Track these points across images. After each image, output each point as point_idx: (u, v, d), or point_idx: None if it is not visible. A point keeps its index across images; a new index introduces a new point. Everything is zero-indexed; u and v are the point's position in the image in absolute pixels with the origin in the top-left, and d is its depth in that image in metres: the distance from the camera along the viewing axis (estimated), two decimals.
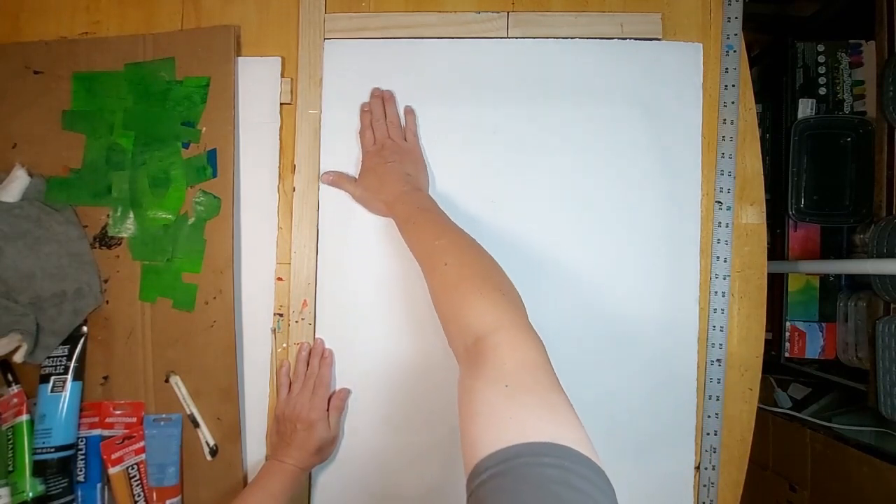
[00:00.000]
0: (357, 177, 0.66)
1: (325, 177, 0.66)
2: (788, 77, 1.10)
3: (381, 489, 0.66)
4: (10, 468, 0.61)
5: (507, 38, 0.68)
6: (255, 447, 0.67)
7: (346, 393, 0.66)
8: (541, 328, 0.66)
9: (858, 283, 1.04)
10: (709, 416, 0.65)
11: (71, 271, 0.65)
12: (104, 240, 0.67)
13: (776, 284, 1.08)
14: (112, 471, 0.64)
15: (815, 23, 1.20)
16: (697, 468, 0.66)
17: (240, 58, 0.68)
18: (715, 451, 0.65)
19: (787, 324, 1.07)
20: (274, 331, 0.68)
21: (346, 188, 0.66)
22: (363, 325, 0.67)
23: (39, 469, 0.61)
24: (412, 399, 0.67)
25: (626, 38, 0.67)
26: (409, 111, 0.67)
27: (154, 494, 0.64)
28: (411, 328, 0.67)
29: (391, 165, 0.62)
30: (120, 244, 0.67)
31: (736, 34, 0.67)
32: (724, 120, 0.67)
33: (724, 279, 0.66)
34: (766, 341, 0.90)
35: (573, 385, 0.66)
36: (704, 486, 0.65)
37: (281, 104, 0.68)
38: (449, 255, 0.50)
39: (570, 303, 0.66)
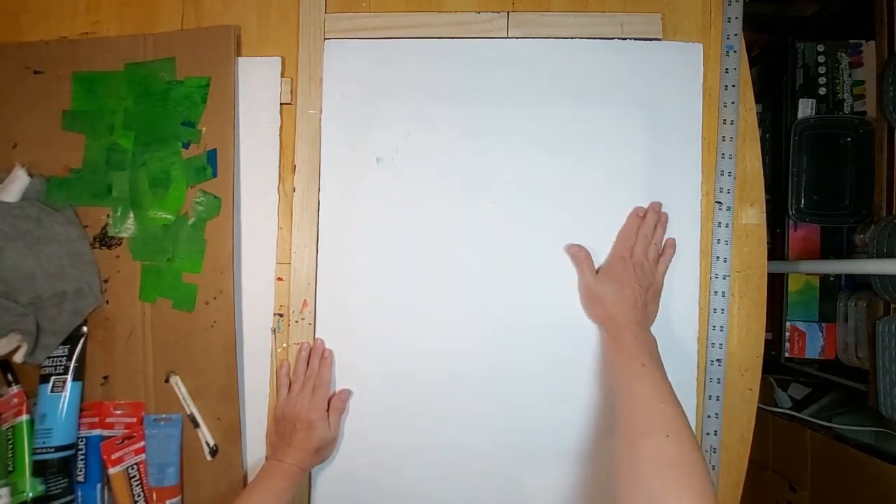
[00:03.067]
0: (599, 270, 0.64)
1: (571, 248, 0.65)
2: (788, 77, 1.10)
3: (381, 489, 0.66)
4: (10, 468, 0.61)
5: (507, 38, 0.68)
6: (255, 447, 0.67)
7: (348, 394, 0.66)
8: (541, 328, 0.66)
9: (858, 283, 1.04)
10: (709, 416, 0.65)
11: (71, 271, 0.65)
12: (104, 240, 0.67)
13: (776, 284, 1.08)
14: (112, 471, 0.64)
15: (815, 23, 1.20)
16: None
17: (240, 58, 0.68)
18: (715, 451, 0.65)
19: (787, 324, 1.07)
20: (274, 331, 0.68)
21: (584, 272, 0.64)
22: (363, 325, 0.67)
23: (39, 469, 0.61)
24: (412, 399, 0.67)
25: (626, 38, 0.67)
26: (671, 244, 0.65)
27: (154, 494, 0.64)
28: (411, 328, 0.67)
29: (638, 289, 0.61)
30: (120, 244, 0.67)
31: (736, 34, 0.67)
32: (724, 120, 0.67)
33: (724, 279, 0.66)
34: (766, 341, 0.90)
35: (573, 385, 0.66)
36: None
37: (281, 104, 0.68)
38: (672, 429, 0.48)
39: (571, 302, 0.66)
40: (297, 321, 0.67)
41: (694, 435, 0.50)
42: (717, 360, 0.66)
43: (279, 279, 0.68)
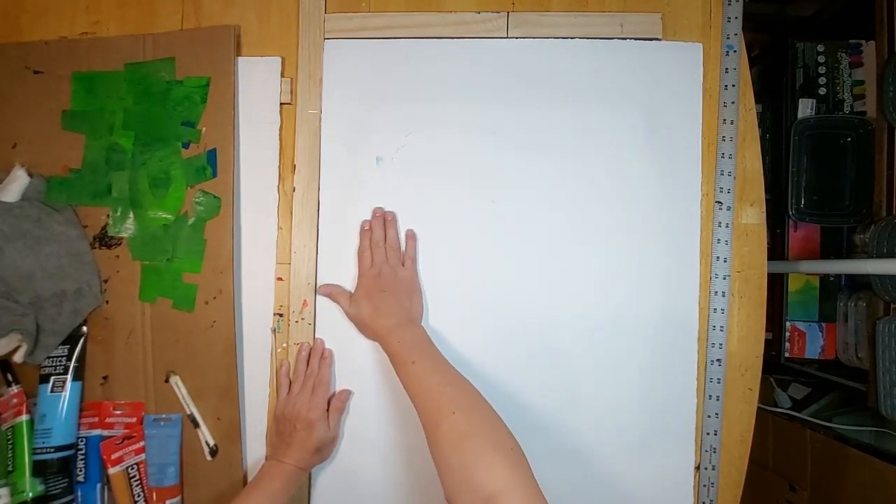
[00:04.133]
0: (352, 294, 0.65)
1: (322, 288, 0.66)
2: (788, 77, 1.10)
3: (380, 489, 0.66)
4: (10, 468, 0.61)
5: (507, 38, 0.68)
6: (255, 447, 0.67)
7: (348, 394, 0.66)
8: (540, 328, 0.66)
9: (858, 283, 1.04)
10: (709, 416, 0.65)
11: (71, 271, 0.65)
12: (104, 240, 0.67)
13: (776, 284, 1.08)
14: (112, 471, 0.64)
15: (815, 23, 1.20)
16: (697, 468, 0.66)
17: (240, 58, 0.68)
18: (715, 451, 0.65)
19: (787, 324, 1.07)
20: (274, 331, 0.68)
21: (340, 303, 0.65)
22: None
23: (39, 469, 0.61)
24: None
25: (626, 38, 0.67)
26: (411, 236, 0.66)
27: (154, 494, 0.64)
28: None
29: (387, 295, 0.62)
30: (120, 244, 0.67)
31: (736, 34, 0.67)
32: (724, 120, 0.67)
33: (724, 279, 0.66)
34: (766, 341, 0.90)
35: (574, 384, 0.66)
36: (704, 486, 0.65)
37: (281, 104, 0.68)
38: (457, 405, 0.50)
39: (570, 302, 0.66)
40: (297, 321, 0.67)
41: (484, 402, 0.51)
42: (717, 360, 0.66)
43: (279, 279, 0.68)
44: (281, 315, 0.68)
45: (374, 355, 0.67)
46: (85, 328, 0.66)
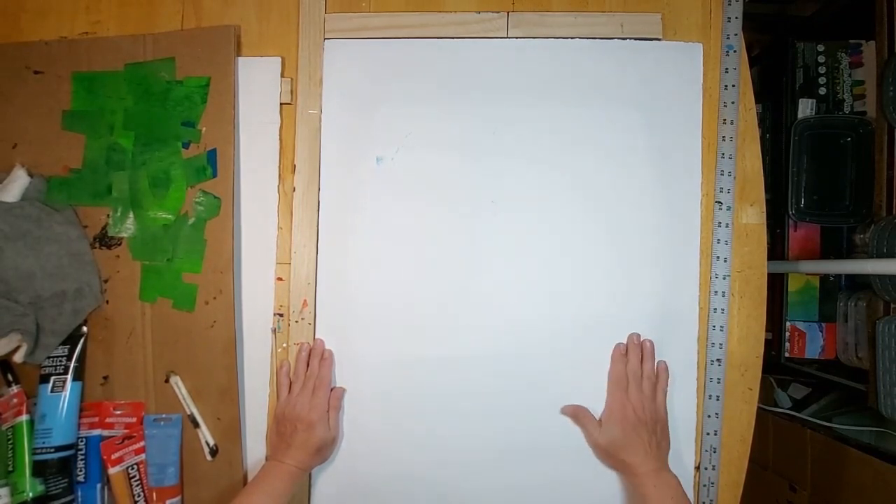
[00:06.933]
0: (601, 420, 0.64)
1: (566, 408, 0.65)
2: (788, 77, 1.09)
3: (380, 489, 0.66)
4: (10, 468, 0.61)
5: (507, 38, 0.68)
6: (255, 447, 0.67)
7: (342, 392, 0.66)
8: (540, 329, 0.66)
9: (858, 283, 1.04)
10: (709, 416, 0.65)
11: (71, 271, 0.65)
12: (104, 240, 0.67)
13: (776, 284, 1.08)
14: (112, 471, 0.64)
15: (815, 23, 1.20)
16: (697, 468, 0.66)
17: (240, 58, 0.68)
18: (715, 451, 0.65)
19: (787, 324, 1.07)
20: (274, 331, 0.68)
21: (585, 427, 0.64)
22: (363, 325, 0.67)
23: (39, 469, 0.61)
24: (412, 399, 0.67)
25: (626, 38, 0.67)
26: (664, 368, 0.65)
27: (154, 494, 0.64)
28: (411, 328, 0.67)
29: (644, 436, 0.60)
30: (120, 244, 0.67)
31: (736, 34, 0.67)
32: (724, 120, 0.67)
33: (724, 279, 0.66)
34: (766, 341, 0.90)
35: (574, 385, 0.66)
36: (704, 486, 0.65)
37: (281, 104, 0.68)
38: None
39: (570, 302, 0.66)
40: (297, 321, 0.67)
41: None
42: (717, 360, 0.65)
43: (279, 279, 0.68)
44: (281, 315, 0.68)
45: (374, 355, 0.67)
46: (85, 328, 0.66)
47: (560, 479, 0.65)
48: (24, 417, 0.63)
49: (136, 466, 0.65)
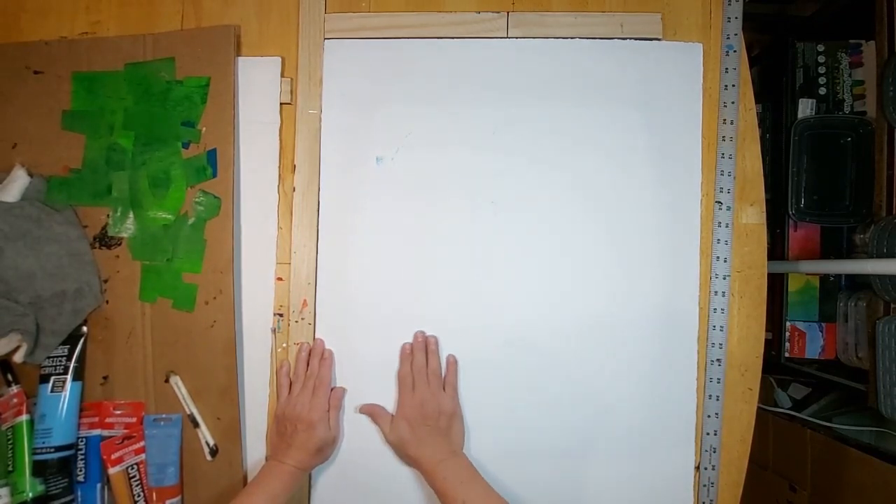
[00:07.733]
0: (393, 418, 0.65)
1: (363, 408, 0.66)
2: (788, 77, 1.09)
3: (380, 489, 0.66)
4: (10, 468, 0.61)
5: (507, 38, 0.68)
6: (255, 447, 0.67)
7: (342, 392, 0.66)
8: (540, 329, 0.66)
9: (858, 283, 1.04)
10: (709, 416, 0.65)
11: (71, 271, 0.65)
12: (104, 240, 0.67)
13: (776, 284, 1.08)
14: (112, 471, 0.64)
15: (815, 23, 1.20)
16: (697, 468, 0.66)
17: (240, 58, 0.68)
18: (715, 451, 0.65)
19: (787, 324, 1.07)
20: (274, 331, 0.68)
21: (380, 426, 0.65)
22: (363, 325, 0.67)
23: (39, 469, 0.61)
24: None
25: (626, 38, 0.67)
26: (452, 362, 0.66)
27: (154, 494, 0.64)
28: (411, 328, 0.67)
29: (430, 429, 0.62)
30: (120, 244, 0.67)
31: (736, 34, 0.67)
32: (724, 120, 0.67)
33: (724, 279, 0.66)
34: (766, 341, 0.90)
35: (574, 385, 0.66)
36: (704, 486, 0.65)
37: (281, 104, 0.68)
38: None
39: (570, 302, 0.66)
40: (297, 321, 0.67)
41: None
42: (717, 360, 0.66)
43: (279, 279, 0.68)
44: (281, 315, 0.68)
45: (374, 355, 0.67)
46: (85, 328, 0.66)
47: (559, 478, 0.65)
48: (24, 417, 0.63)
49: (135, 466, 0.65)
